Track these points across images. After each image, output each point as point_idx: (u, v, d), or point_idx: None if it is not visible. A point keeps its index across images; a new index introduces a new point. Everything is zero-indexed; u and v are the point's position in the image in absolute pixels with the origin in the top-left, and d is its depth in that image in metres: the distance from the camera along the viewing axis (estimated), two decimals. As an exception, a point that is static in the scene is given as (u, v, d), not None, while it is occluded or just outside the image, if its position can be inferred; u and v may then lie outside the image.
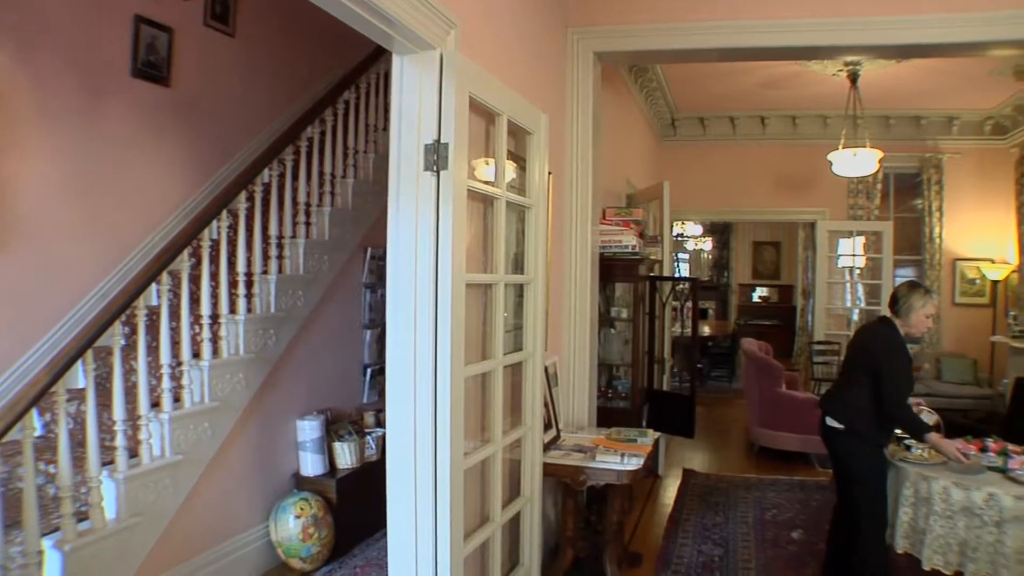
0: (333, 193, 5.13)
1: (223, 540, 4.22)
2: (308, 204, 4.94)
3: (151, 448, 3.73)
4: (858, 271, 9.89)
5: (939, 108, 9.26)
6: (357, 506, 4.75)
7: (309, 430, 4.72)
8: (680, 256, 16.16)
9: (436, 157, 2.74)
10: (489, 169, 3.21)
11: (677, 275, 13.89)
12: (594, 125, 4.89)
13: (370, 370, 5.48)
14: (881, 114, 9.28)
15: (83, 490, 3.47)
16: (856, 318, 9.83)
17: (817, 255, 9.71)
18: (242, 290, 4.38)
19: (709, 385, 12.09)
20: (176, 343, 4.05)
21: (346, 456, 4.86)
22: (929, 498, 3.82)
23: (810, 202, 9.87)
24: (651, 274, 6.33)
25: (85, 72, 4.34)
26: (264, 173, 4.58)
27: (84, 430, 3.47)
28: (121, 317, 3.63)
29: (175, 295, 4.15)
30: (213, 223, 4.22)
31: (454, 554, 2.84)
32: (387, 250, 2.85)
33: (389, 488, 2.86)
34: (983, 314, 9.45)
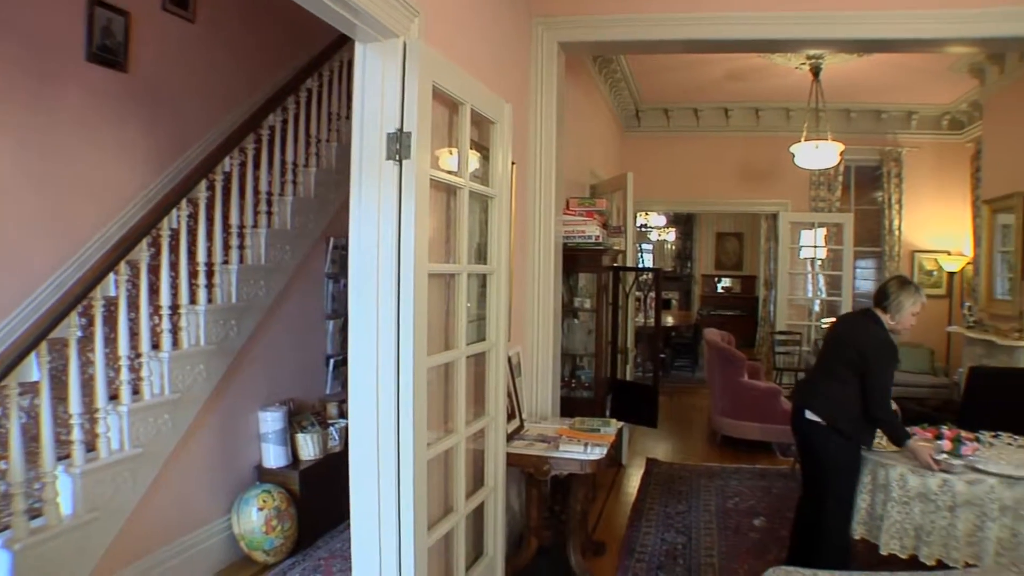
0: (295, 182, 5.07)
1: (184, 534, 4.17)
2: (270, 193, 4.88)
3: (109, 442, 3.66)
4: (819, 262, 10.04)
5: (899, 102, 9.43)
6: (321, 498, 4.72)
7: (271, 421, 4.68)
8: (644, 247, 16.25)
9: (399, 146, 2.72)
10: (452, 159, 3.20)
11: (641, 265, 13.96)
12: (558, 115, 4.89)
13: (333, 360, 5.44)
14: (843, 107, 9.41)
15: (36, 486, 3.39)
16: (817, 309, 9.98)
17: (779, 246, 9.83)
18: (203, 280, 4.32)
19: (672, 375, 12.19)
20: (135, 334, 3.98)
21: (309, 447, 4.82)
22: (887, 485, 3.90)
23: (772, 194, 9.99)
24: (614, 264, 6.35)
25: (37, 55, 4.22)
26: (225, 162, 4.52)
27: (38, 424, 3.39)
28: (77, 308, 3.56)
29: (134, 285, 4.07)
30: (173, 212, 4.16)
31: (418, 545, 2.83)
32: (349, 240, 2.83)
33: (352, 479, 2.84)
34: (940, 305, 9.64)
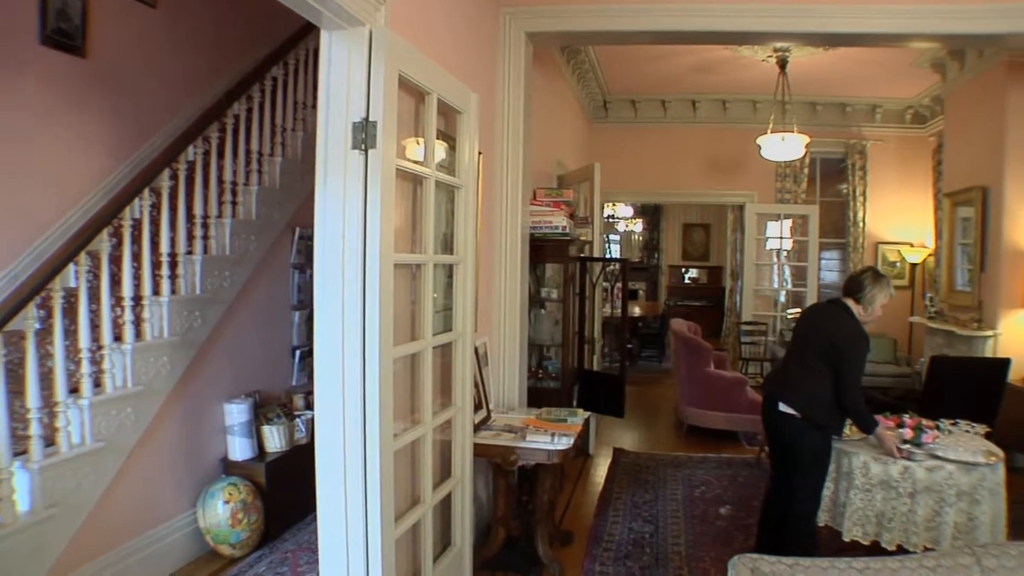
0: (260, 172, 5.01)
1: (149, 528, 4.11)
2: (234, 183, 4.82)
3: (70, 436, 3.59)
4: (785, 253, 10.16)
5: (864, 96, 9.56)
6: (287, 490, 4.69)
7: (237, 413, 4.63)
8: (611, 237, 16.34)
9: (364, 135, 2.70)
10: (419, 148, 3.19)
11: (608, 256, 14.04)
12: (525, 105, 4.89)
13: (299, 352, 5.40)
14: (809, 100, 9.51)
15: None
16: (783, 299, 10.10)
17: (745, 237, 9.93)
18: (166, 271, 4.25)
19: (639, 365, 12.27)
20: (96, 326, 3.91)
21: (275, 439, 4.79)
22: (850, 473, 3.97)
23: (739, 185, 10.09)
24: (581, 255, 6.37)
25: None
26: (189, 151, 4.46)
27: (-6, 418, 3.32)
28: (35, 299, 3.48)
29: (95, 276, 3.99)
30: (135, 202, 4.08)
31: (385, 536, 2.83)
32: (314, 230, 2.80)
33: (318, 471, 2.83)
34: (902, 296, 9.80)
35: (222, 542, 4.34)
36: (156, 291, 4.24)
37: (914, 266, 9.77)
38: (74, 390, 3.74)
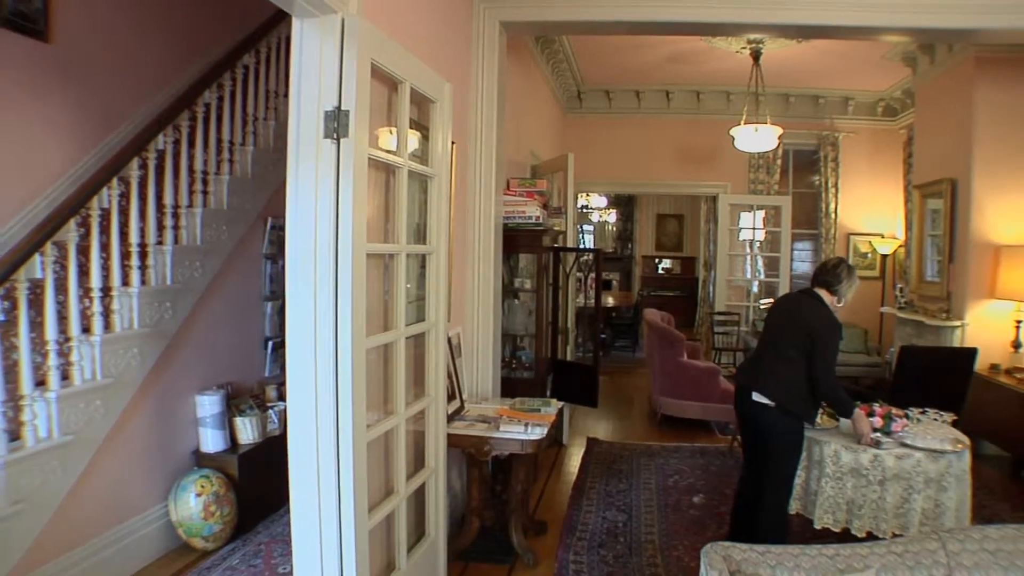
0: (232, 161, 4.96)
1: (119, 522, 4.06)
2: (205, 172, 4.76)
3: (36, 429, 3.53)
4: (758, 244, 10.24)
5: (836, 88, 9.66)
6: (260, 482, 4.66)
7: (209, 405, 4.59)
8: (585, 228, 16.38)
9: (336, 124, 2.68)
10: (391, 138, 3.16)
11: (581, 246, 14.07)
12: (499, 95, 4.88)
13: (272, 343, 5.36)
14: (782, 92, 9.58)
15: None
16: (756, 290, 10.18)
17: (719, 228, 9.98)
18: (136, 261, 4.20)
19: (613, 355, 12.33)
20: (64, 318, 3.84)
21: (248, 431, 4.75)
22: (821, 461, 4.02)
23: (712, 176, 10.15)
24: (555, 245, 6.38)
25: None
26: (159, 139, 4.40)
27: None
28: (-1, 290, 3.43)
29: (62, 267, 3.93)
30: (103, 191, 4.02)
31: (359, 527, 2.82)
32: (286, 219, 2.77)
33: (291, 463, 2.81)
34: (873, 286, 9.95)
35: (195, 535, 4.31)
36: (126, 282, 4.19)
37: (885, 257, 9.90)
38: (41, 383, 3.69)
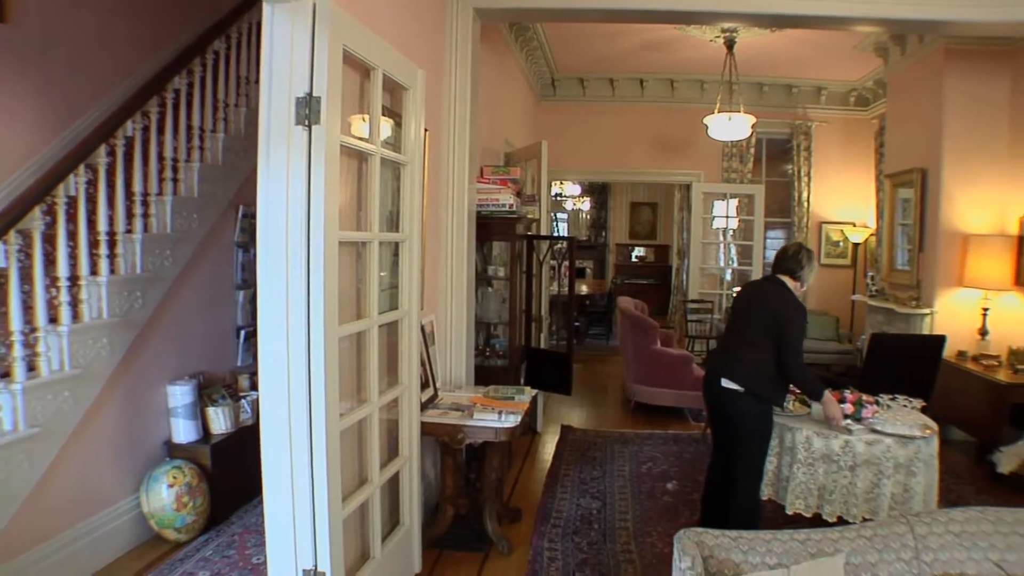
0: (202, 148, 4.89)
1: (90, 515, 4.01)
2: (175, 160, 4.69)
3: (1, 422, 3.48)
4: (731, 232, 10.29)
5: (809, 78, 9.72)
6: (234, 472, 4.62)
7: (181, 395, 4.54)
8: (559, 216, 16.40)
9: (308, 111, 2.66)
10: (364, 125, 3.14)
11: (555, 234, 14.08)
12: (472, 82, 4.85)
13: (244, 332, 5.31)
14: (755, 81, 9.63)
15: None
16: (729, 278, 10.25)
17: (692, 216, 10.02)
18: (104, 250, 4.13)
19: (586, 343, 12.38)
20: (30, 307, 3.78)
21: (220, 421, 4.71)
22: (793, 447, 4.07)
23: (686, 164, 10.19)
24: (529, 233, 6.38)
25: None
26: (127, 125, 4.31)
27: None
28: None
29: (27, 256, 3.86)
30: (70, 178, 3.94)
31: (332, 516, 2.81)
32: (257, 207, 2.74)
33: (264, 452, 2.79)
34: (845, 274, 10.07)
35: (167, 527, 4.27)
36: (94, 271, 4.12)
37: (856, 246, 10.00)
38: (5, 374, 3.63)
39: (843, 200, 10.16)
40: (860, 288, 9.47)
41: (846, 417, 4.10)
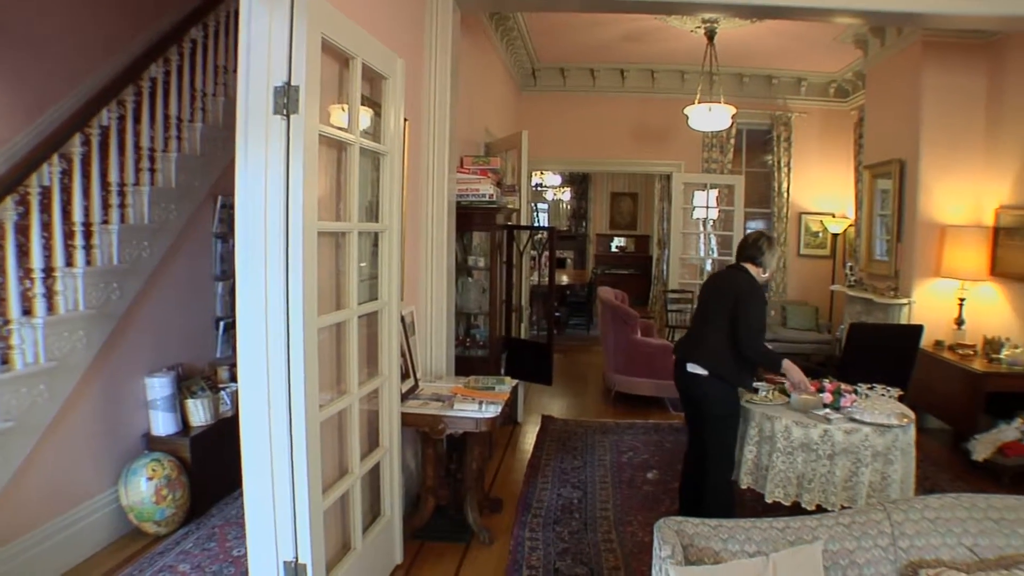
0: (180, 138, 4.83)
1: (66, 510, 3.96)
2: (152, 149, 4.63)
3: (-28, 415, 3.44)
4: (711, 222, 10.34)
5: (789, 69, 9.77)
6: (213, 464, 4.60)
7: (159, 387, 4.50)
8: (539, 206, 16.39)
9: (286, 100, 2.64)
10: (343, 114, 3.12)
11: (535, 224, 14.08)
12: (452, 72, 4.83)
13: (223, 323, 5.26)
14: (736, 72, 9.66)
15: None
16: (709, 268, 10.30)
17: (672, 206, 10.05)
18: (80, 241, 4.07)
19: (567, 333, 12.42)
20: (2, 300, 3.72)
21: (200, 413, 4.68)
22: (772, 436, 4.10)
23: (667, 155, 10.21)
24: (509, 223, 6.37)
25: None
26: (102, 115, 4.25)
27: None
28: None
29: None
30: (44, 168, 3.88)
31: (313, 508, 2.81)
32: (235, 198, 2.72)
33: (243, 444, 2.78)
34: (824, 265, 10.15)
35: (146, 520, 4.24)
36: (70, 262, 4.06)
37: (835, 236, 10.08)
38: (-22, 367, 3.58)
39: (822, 191, 10.23)
40: (839, 278, 9.55)
41: (825, 406, 4.14)
